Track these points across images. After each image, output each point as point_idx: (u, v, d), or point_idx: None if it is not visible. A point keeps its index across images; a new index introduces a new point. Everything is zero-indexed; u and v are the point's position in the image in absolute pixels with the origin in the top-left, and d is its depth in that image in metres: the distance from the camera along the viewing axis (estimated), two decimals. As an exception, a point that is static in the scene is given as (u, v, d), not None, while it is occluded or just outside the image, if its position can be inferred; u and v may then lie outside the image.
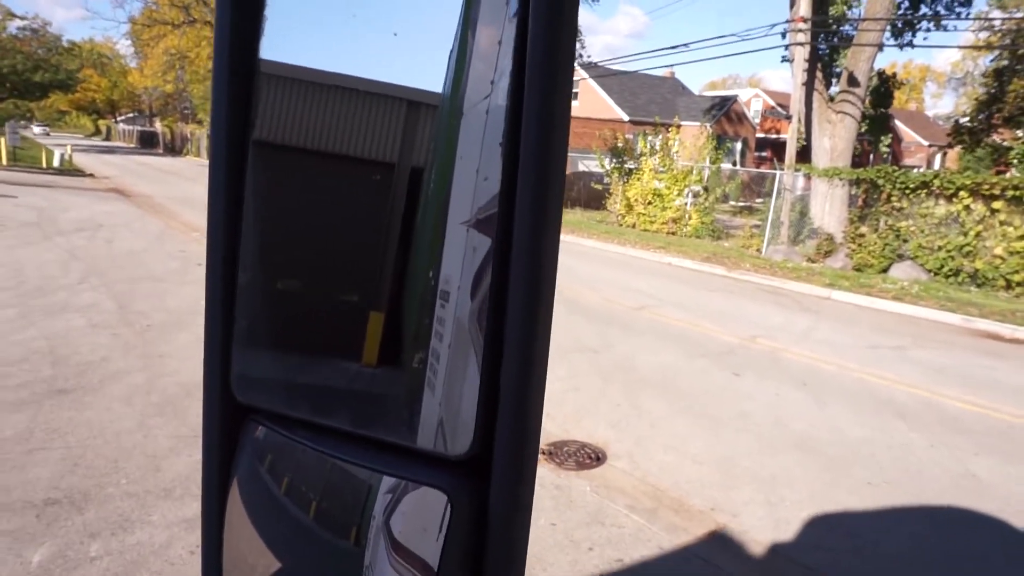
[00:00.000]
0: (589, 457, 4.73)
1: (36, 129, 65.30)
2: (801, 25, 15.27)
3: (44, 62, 45.66)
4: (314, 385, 0.54)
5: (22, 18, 46.53)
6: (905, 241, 13.21)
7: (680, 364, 6.99)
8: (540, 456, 4.60)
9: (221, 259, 0.56)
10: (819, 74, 15.79)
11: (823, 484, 4.51)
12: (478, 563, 0.46)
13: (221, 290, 0.56)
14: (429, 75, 0.47)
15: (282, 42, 0.53)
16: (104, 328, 6.68)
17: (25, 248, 10.38)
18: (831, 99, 16.12)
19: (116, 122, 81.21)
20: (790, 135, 16.11)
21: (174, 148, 54.46)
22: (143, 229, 13.57)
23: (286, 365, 0.56)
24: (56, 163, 26.96)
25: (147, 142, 62.84)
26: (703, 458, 4.80)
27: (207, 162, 0.57)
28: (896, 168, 14.21)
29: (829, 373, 7.06)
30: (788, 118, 20.80)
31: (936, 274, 12.60)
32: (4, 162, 25.48)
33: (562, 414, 5.38)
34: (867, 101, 18.59)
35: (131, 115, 79.71)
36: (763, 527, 3.93)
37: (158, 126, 66.12)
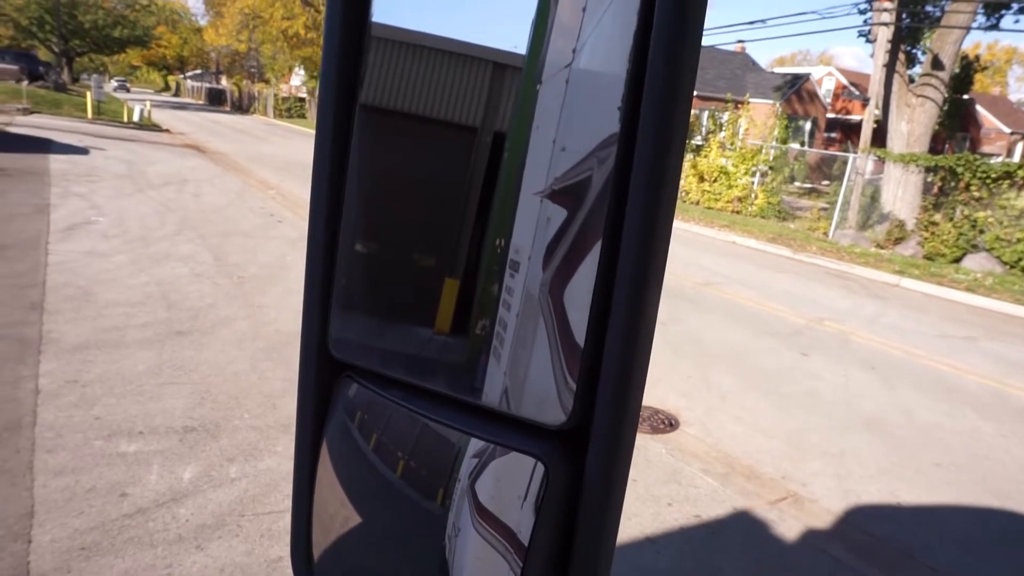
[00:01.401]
0: (663, 423, 4.99)
1: (113, 83, 67.10)
2: (887, 4, 14.84)
3: (123, 18, 47.31)
4: (406, 350, 0.55)
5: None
6: (981, 232, 12.90)
7: (748, 342, 7.16)
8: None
9: (323, 220, 0.57)
10: (900, 55, 15.36)
11: (891, 462, 4.69)
12: (568, 532, 0.47)
13: (322, 249, 0.58)
14: (517, 36, 0.47)
15: (385, 4, 0.54)
16: (206, 278, 7.19)
17: (123, 199, 11.06)
18: (911, 81, 15.68)
19: (184, 78, 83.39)
20: (866, 117, 15.76)
21: (241, 106, 55.82)
22: (224, 185, 14.19)
23: (376, 327, 0.57)
24: (136, 118, 28.10)
25: (215, 99, 64.46)
26: (773, 431, 5.01)
27: (274, 121, 0.68)
28: (977, 156, 13.82)
29: (898, 358, 7.13)
30: (861, 99, 20.28)
31: (1012, 267, 12.32)
32: (90, 116, 26.70)
33: (635, 382, 5.63)
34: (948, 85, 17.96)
35: (198, 72, 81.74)
36: (832, 497, 4.15)
37: (225, 83, 67.72)
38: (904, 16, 16.37)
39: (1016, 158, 37.86)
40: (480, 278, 0.48)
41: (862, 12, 17.31)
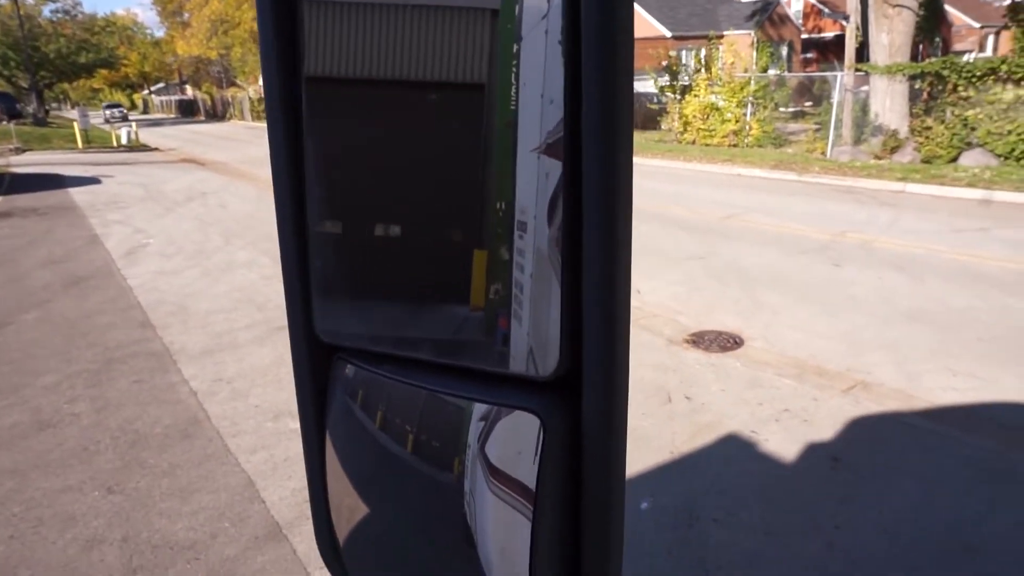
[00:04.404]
0: (729, 341, 5.58)
1: (106, 112, 63.59)
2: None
3: (86, 43, 46.91)
4: (395, 321, 0.54)
5: (55, 0, 47.51)
6: (973, 129, 13.43)
7: (782, 261, 7.74)
8: (687, 343, 5.50)
9: (289, 208, 0.56)
10: (872, -32, 15.67)
11: (939, 344, 5.29)
12: (576, 481, 0.47)
13: (293, 238, 0.57)
14: None
15: None
16: (275, 279, 7.70)
17: (160, 220, 11.52)
18: (886, -8, 16.02)
19: (149, 94, 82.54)
20: (848, 34, 16.15)
21: (215, 114, 55.54)
22: (241, 193, 14.59)
23: (369, 308, 0.56)
24: (124, 141, 28.27)
25: (187, 111, 63.98)
26: (828, 334, 5.60)
27: (254, 124, 0.71)
28: (957, 56, 14.29)
29: (922, 257, 7.73)
30: (832, 16, 20.50)
31: (1007, 159, 12.89)
32: (80, 145, 26.89)
33: (692, 310, 6.22)
34: (921, -11, 18.26)
35: (160, 86, 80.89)
36: (896, 379, 4.75)
37: (191, 93, 67.16)
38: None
39: (988, 52, 38.13)
40: (487, 243, 0.47)
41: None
